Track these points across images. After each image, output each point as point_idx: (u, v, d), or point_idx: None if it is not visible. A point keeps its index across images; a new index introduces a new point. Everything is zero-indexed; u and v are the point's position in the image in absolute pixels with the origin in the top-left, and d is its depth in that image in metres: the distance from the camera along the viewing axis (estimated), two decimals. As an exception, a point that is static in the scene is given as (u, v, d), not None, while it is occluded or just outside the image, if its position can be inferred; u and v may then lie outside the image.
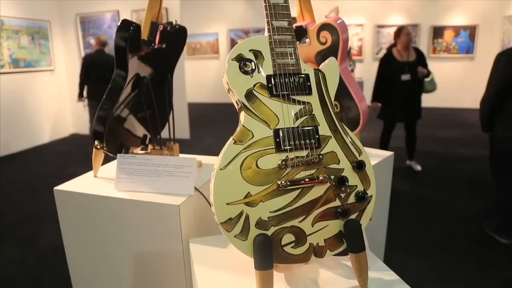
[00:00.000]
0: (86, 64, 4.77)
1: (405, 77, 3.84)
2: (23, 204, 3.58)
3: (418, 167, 4.21)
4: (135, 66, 1.31)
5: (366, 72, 8.40)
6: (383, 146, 4.12)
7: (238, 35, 9.50)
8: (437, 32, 8.21)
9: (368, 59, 8.78)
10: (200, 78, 9.82)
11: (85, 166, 1.63)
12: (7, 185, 4.10)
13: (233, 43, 9.55)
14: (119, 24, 1.23)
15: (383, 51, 8.50)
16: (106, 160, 1.47)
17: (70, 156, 5.36)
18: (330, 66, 0.93)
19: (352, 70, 5.26)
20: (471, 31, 8.06)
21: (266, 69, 0.87)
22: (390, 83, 3.89)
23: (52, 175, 4.41)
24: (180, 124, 5.58)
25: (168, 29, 1.34)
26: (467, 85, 8.11)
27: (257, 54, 0.87)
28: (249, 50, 0.87)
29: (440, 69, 8.36)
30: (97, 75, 4.65)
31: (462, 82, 8.33)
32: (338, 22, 1.37)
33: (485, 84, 2.62)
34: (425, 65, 3.93)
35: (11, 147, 5.49)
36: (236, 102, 0.87)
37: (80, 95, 4.84)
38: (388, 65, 3.91)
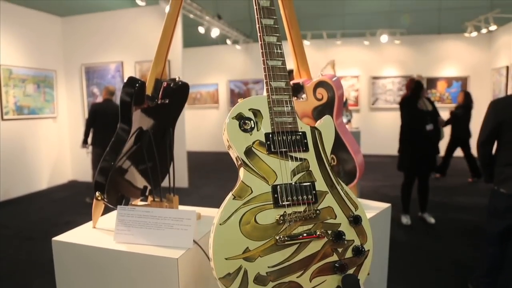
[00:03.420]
0: (94, 112, 4.89)
1: (429, 127, 3.75)
2: (16, 251, 3.51)
3: (432, 220, 4.03)
4: (138, 119, 1.35)
5: (362, 123, 8.56)
6: (407, 200, 3.94)
7: (238, 85, 9.79)
8: (431, 83, 8.48)
9: (365, 109, 8.99)
10: (199, 127, 9.99)
11: (82, 213, 1.63)
12: (1, 232, 4.04)
13: (232, 93, 9.83)
14: (125, 80, 1.29)
15: (379, 101, 8.84)
16: (105, 210, 1.48)
17: (67, 203, 5.32)
18: (326, 124, 0.98)
19: (349, 121, 5.35)
20: (463, 81, 8.34)
21: (265, 127, 0.92)
22: (414, 132, 3.76)
23: (48, 222, 4.36)
24: (179, 172, 5.57)
25: (171, 85, 1.41)
26: (462, 134, 8.24)
27: (256, 113, 0.92)
28: (249, 109, 0.92)
29: (435, 118, 8.54)
30: (103, 123, 4.75)
31: (457, 131, 8.46)
32: (334, 79, 1.44)
33: (478, 133, 2.62)
34: (438, 114, 3.96)
35: (9, 192, 5.47)
36: (236, 158, 0.91)
37: (85, 141, 4.92)
38: (411, 110, 3.78)
